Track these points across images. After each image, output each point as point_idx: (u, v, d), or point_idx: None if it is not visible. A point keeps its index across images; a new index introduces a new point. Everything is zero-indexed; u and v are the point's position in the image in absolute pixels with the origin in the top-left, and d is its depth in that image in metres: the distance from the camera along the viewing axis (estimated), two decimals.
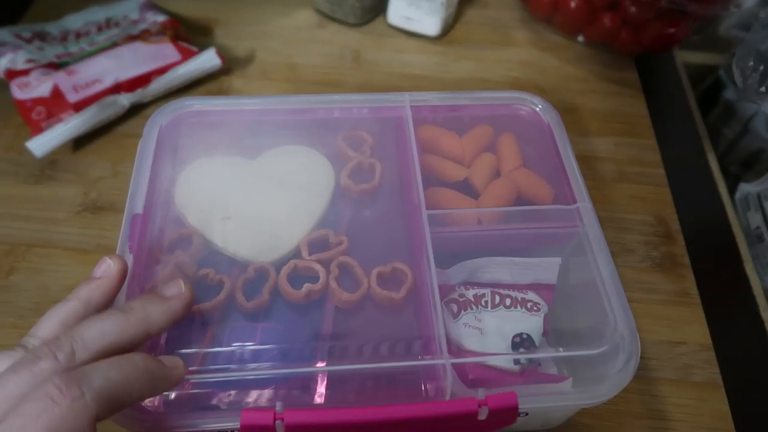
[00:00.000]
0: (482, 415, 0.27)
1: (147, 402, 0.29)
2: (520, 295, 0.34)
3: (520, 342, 0.32)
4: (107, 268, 0.29)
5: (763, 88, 0.46)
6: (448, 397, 0.29)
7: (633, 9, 0.55)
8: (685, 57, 0.68)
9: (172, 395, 0.29)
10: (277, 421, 0.26)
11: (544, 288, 0.35)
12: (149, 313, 0.27)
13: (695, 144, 0.56)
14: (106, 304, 0.28)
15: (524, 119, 0.42)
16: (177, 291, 0.28)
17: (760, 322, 0.44)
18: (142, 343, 0.27)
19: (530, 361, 0.32)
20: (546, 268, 0.35)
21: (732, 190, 0.58)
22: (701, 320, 0.44)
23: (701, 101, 0.67)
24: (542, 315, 0.34)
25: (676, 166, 0.54)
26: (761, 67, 0.46)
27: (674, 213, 0.50)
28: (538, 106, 0.42)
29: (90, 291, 0.28)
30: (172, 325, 0.28)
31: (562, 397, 0.30)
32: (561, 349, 0.32)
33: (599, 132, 0.56)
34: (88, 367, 0.24)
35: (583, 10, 0.57)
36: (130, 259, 0.32)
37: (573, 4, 0.57)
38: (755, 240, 0.56)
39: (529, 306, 0.34)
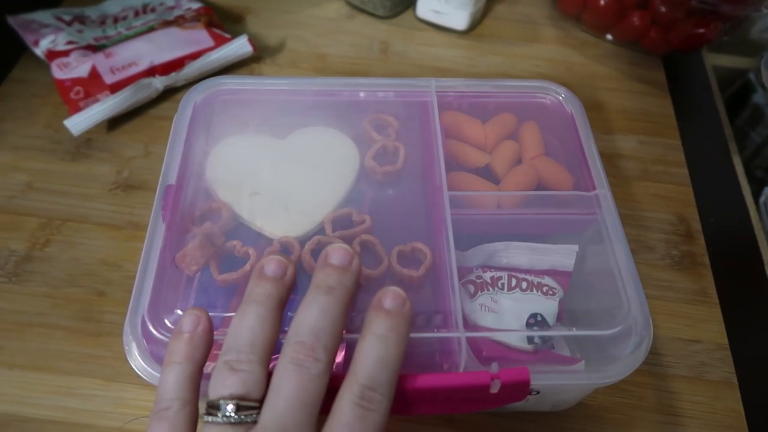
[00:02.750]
0: (494, 389, 0.27)
1: None
2: (536, 280, 0.34)
3: (535, 323, 0.32)
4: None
5: None
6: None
7: (663, 8, 0.55)
8: (715, 60, 0.68)
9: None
10: None
11: (560, 275, 0.35)
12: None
13: (721, 146, 0.56)
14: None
15: (548, 108, 0.42)
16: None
17: None
18: None
19: (543, 340, 0.32)
20: (563, 255, 0.35)
21: (756, 194, 0.57)
22: (718, 320, 0.44)
23: (729, 104, 0.66)
24: (557, 299, 0.34)
25: (700, 167, 0.53)
26: None
27: (696, 213, 0.50)
28: (561, 95, 0.42)
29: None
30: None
31: (574, 376, 0.30)
32: (574, 329, 0.32)
33: (624, 130, 0.56)
34: None
35: (613, 9, 0.57)
36: (162, 228, 0.33)
37: (602, 2, 0.57)
38: None
39: (545, 290, 0.34)
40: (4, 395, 0.38)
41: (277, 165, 0.39)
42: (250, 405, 0.24)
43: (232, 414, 0.24)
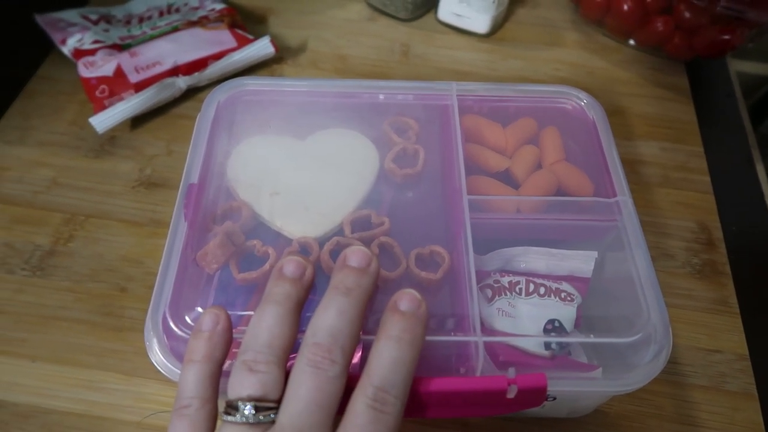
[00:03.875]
0: (511, 394, 0.27)
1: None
2: (554, 285, 0.34)
3: (552, 329, 0.32)
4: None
5: None
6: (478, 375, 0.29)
7: (687, 14, 0.54)
8: (739, 66, 0.67)
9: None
10: None
11: (578, 281, 0.35)
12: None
13: (744, 154, 0.56)
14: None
15: (569, 113, 0.42)
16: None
17: None
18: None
19: (561, 346, 0.32)
20: (582, 261, 0.35)
21: None
22: (739, 330, 0.43)
23: (753, 111, 0.65)
24: (575, 305, 0.34)
25: (722, 175, 0.53)
26: None
27: (717, 221, 0.49)
28: (583, 100, 0.42)
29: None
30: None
31: (591, 383, 0.30)
32: (592, 336, 0.32)
33: (645, 136, 0.55)
34: None
35: (636, 13, 0.57)
36: (184, 226, 0.34)
37: (626, 7, 0.57)
38: None
39: (563, 296, 0.34)
40: (26, 387, 0.38)
41: (297, 166, 0.39)
42: (268, 406, 0.25)
43: (251, 415, 0.24)
